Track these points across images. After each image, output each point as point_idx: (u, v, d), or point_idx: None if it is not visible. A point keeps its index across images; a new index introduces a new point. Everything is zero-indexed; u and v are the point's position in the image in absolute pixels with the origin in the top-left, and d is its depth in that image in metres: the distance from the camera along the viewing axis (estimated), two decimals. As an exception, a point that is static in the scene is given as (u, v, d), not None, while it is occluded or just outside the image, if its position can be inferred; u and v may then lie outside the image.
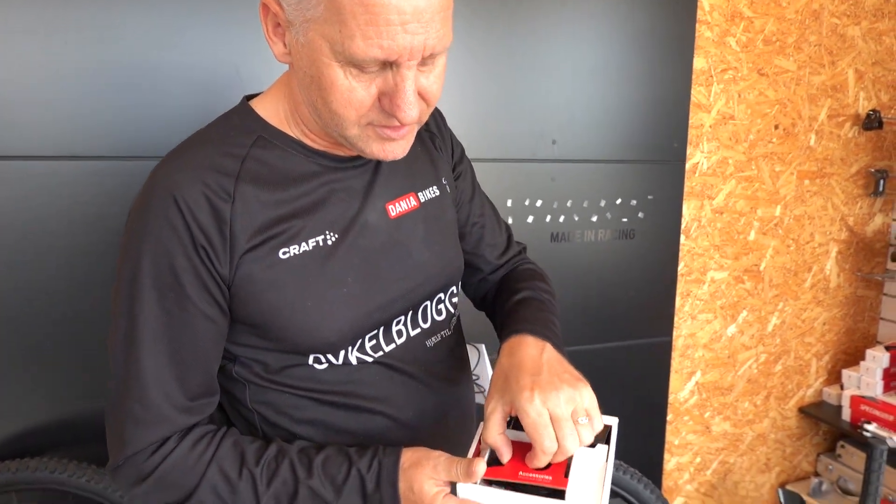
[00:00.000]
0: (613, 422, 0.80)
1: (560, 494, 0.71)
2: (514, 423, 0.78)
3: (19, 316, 1.48)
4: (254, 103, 0.80)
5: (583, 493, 0.71)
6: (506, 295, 0.94)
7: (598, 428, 0.72)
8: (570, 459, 0.73)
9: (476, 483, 0.69)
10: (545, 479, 0.70)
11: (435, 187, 0.89)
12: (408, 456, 0.73)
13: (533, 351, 0.75)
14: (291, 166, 0.76)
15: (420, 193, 0.87)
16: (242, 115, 0.79)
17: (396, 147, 0.74)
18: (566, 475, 0.71)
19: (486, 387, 1.53)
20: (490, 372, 1.53)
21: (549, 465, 0.72)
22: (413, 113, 0.68)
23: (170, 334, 0.72)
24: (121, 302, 0.73)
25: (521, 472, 0.71)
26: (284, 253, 0.74)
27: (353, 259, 0.77)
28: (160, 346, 0.72)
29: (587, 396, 0.70)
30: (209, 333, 0.74)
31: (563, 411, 0.68)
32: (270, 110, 0.78)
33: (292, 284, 0.74)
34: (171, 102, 1.50)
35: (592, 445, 0.76)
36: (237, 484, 0.73)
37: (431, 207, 0.87)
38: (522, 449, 0.74)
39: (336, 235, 0.77)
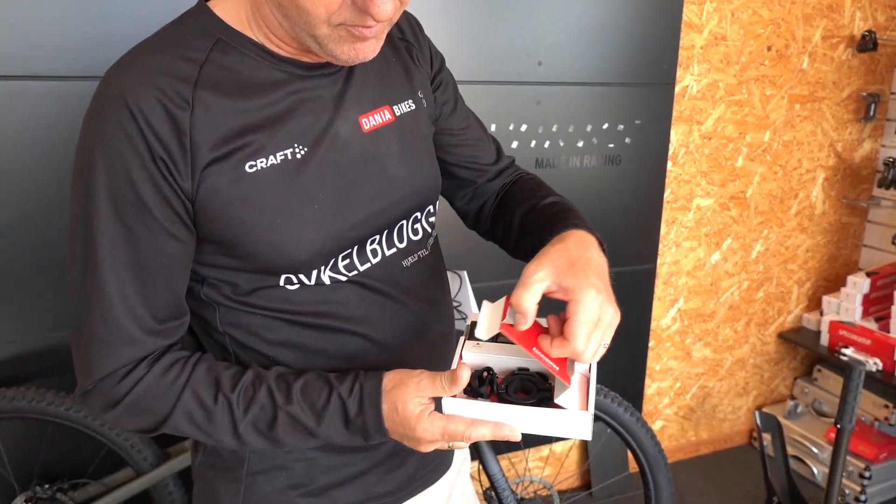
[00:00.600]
0: None
1: (547, 402, 0.69)
2: (499, 334, 0.74)
3: (-16, 244, 1.43)
4: (212, 4, 0.73)
5: (571, 402, 0.69)
6: (531, 201, 0.89)
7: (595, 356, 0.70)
8: (569, 363, 0.70)
9: (460, 396, 0.67)
10: (552, 367, 0.67)
11: (410, 101, 0.84)
12: (389, 378, 0.71)
13: (600, 259, 0.72)
14: (255, 73, 0.71)
15: (395, 107, 0.82)
16: (200, 17, 0.72)
17: (367, 47, 0.69)
18: (569, 372, 0.68)
19: (469, 313, 1.52)
20: (472, 299, 1.52)
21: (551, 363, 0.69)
22: (388, 8, 0.63)
23: (132, 252, 0.68)
24: (77, 220, 0.69)
25: (534, 348, 0.67)
26: (251, 167, 0.69)
27: (324, 174, 0.73)
28: (122, 266, 0.68)
29: (615, 326, 0.70)
30: (174, 252, 0.70)
31: (605, 327, 0.67)
32: (230, 12, 0.72)
33: (260, 201, 0.70)
34: (132, 18, 1.41)
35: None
36: (213, 410, 0.71)
37: (407, 121, 0.83)
38: (534, 328, 0.70)
39: (305, 149, 0.72)
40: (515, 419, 0.68)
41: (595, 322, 0.66)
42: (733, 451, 2.61)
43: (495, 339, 0.75)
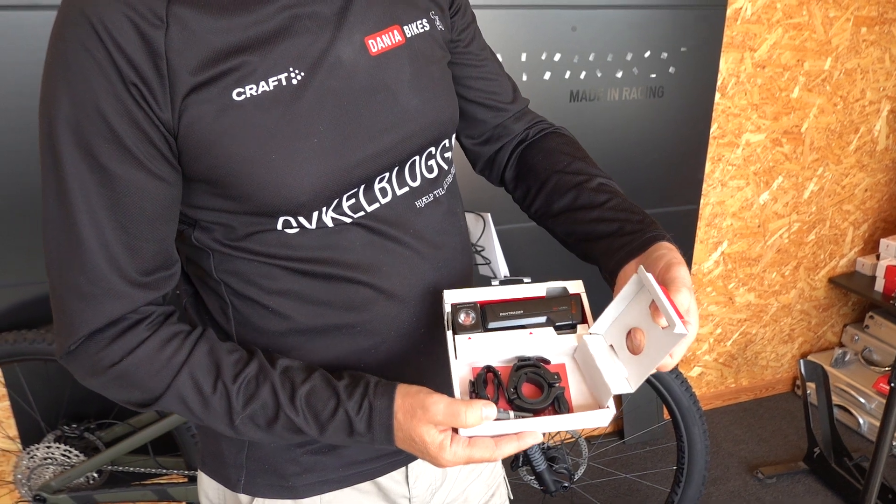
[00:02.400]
0: (581, 288, 0.72)
1: (561, 399, 0.65)
2: (482, 315, 0.69)
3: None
4: None
5: (586, 397, 0.66)
6: (577, 178, 0.80)
7: None
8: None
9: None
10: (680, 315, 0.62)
11: (424, 20, 0.74)
12: (399, 403, 0.64)
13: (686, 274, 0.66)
14: None
15: (406, 27, 0.72)
16: None
17: None
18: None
19: (493, 259, 1.43)
20: (497, 242, 1.43)
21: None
22: None
23: (109, 195, 0.61)
24: (46, 160, 0.61)
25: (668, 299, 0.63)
26: (239, 94, 0.61)
27: (324, 103, 0.64)
28: (99, 210, 0.61)
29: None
30: (158, 194, 0.63)
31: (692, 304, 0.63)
32: None
33: (251, 133, 0.62)
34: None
35: (573, 327, 0.69)
36: (210, 398, 0.65)
37: (419, 44, 0.73)
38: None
39: (302, 73, 0.63)
40: (539, 427, 0.63)
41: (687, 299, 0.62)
42: (774, 398, 2.51)
43: (483, 324, 0.68)
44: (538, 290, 0.71)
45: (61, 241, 0.62)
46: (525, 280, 0.71)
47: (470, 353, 0.67)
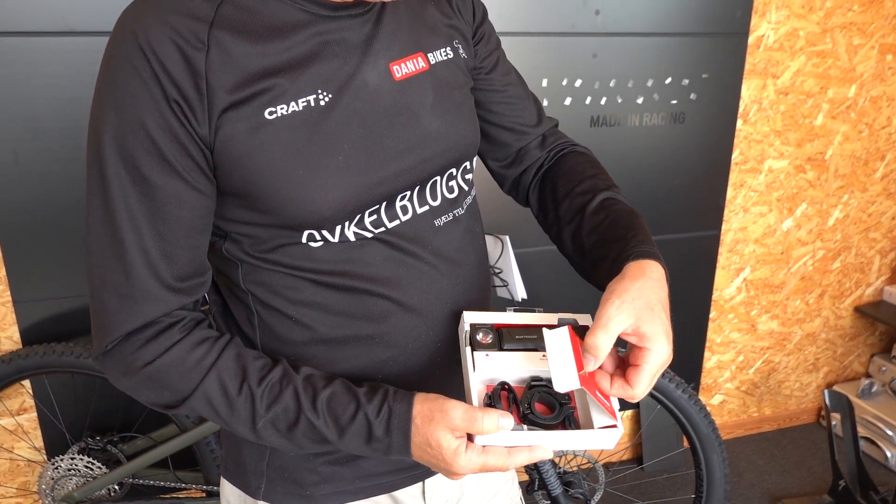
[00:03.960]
0: (589, 321, 0.75)
1: (571, 418, 0.68)
2: (499, 337, 0.72)
3: (31, 201, 1.45)
4: None
5: (597, 418, 0.69)
6: (586, 189, 0.83)
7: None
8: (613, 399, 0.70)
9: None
10: (604, 403, 0.66)
11: (447, 49, 0.78)
12: (419, 408, 0.67)
13: (665, 294, 0.70)
14: (276, 13, 0.67)
15: (430, 54, 0.76)
16: None
17: None
18: (614, 407, 0.68)
19: (511, 281, 1.44)
20: (515, 265, 1.45)
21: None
22: None
23: (149, 204, 0.65)
24: (92, 170, 0.66)
25: (597, 391, 0.66)
26: (271, 113, 0.65)
27: (350, 124, 0.68)
28: (140, 218, 0.65)
29: None
30: (194, 204, 0.67)
31: (662, 370, 0.67)
32: None
33: (281, 150, 0.66)
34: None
35: None
36: (235, 400, 0.68)
37: (442, 70, 0.77)
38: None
39: (330, 95, 0.68)
40: (550, 442, 0.66)
41: (659, 370, 0.66)
42: (799, 429, 2.46)
43: (499, 345, 0.71)
44: (550, 319, 0.74)
45: (104, 247, 0.66)
46: (538, 309, 0.75)
47: (486, 369, 0.70)
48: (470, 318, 0.73)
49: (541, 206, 0.90)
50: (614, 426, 0.66)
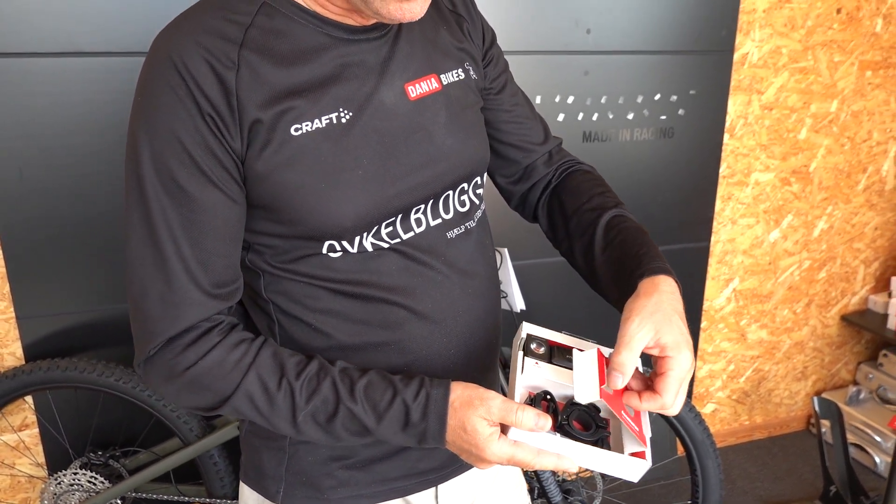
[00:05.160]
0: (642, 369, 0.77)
1: (605, 440, 0.70)
2: (551, 353, 0.74)
3: (34, 218, 1.47)
4: None
5: (630, 445, 0.71)
6: (593, 208, 0.87)
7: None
8: (643, 414, 0.72)
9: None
10: (633, 427, 0.69)
11: (459, 70, 0.83)
12: (458, 393, 0.69)
13: (680, 306, 0.74)
14: (300, 37, 0.71)
15: (442, 76, 0.80)
16: None
17: (415, 6, 0.68)
18: (644, 431, 0.70)
19: (510, 292, 1.48)
20: (513, 276, 1.48)
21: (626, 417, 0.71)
22: None
23: (187, 215, 0.68)
24: (131, 184, 0.69)
25: (622, 412, 0.69)
26: (296, 130, 0.69)
27: (368, 140, 0.73)
28: (177, 227, 0.68)
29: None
30: (228, 213, 0.70)
31: (688, 377, 0.70)
32: None
33: (305, 164, 0.70)
34: (173, -9, 1.41)
35: None
36: (275, 395, 0.70)
37: (454, 91, 0.81)
38: (617, 399, 0.71)
39: (350, 113, 0.72)
40: (579, 456, 0.68)
41: (686, 378, 0.68)
42: (789, 437, 2.51)
43: (549, 358, 0.74)
44: (603, 350, 0.76)
45: (145, 256, 0.69)
46: (593, 341, 0.77)
47: (533, 375, 0.73)
48: (528, 328, 0.76)
49: (550, 222, 0.94)
50: (643, 454, 0.68)
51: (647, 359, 0.71)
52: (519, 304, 1.46)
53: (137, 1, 1.40)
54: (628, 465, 0.68)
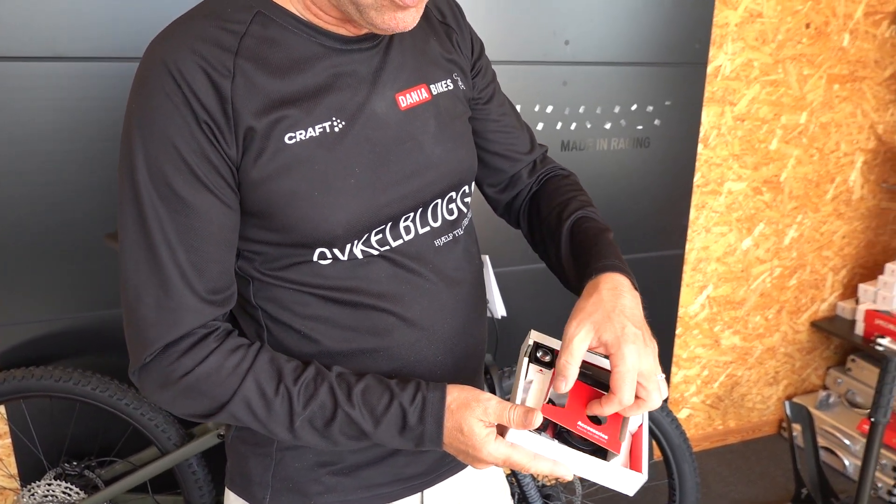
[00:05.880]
0: None
1: (605, 453, 0.69)
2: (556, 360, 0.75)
3: (8, 225, 1.45)
4: None
5: (626, 459, 0.71)
6: (559, 213, 0.89)
7: (666, 391, 0.71)
8: (622, 426, 0.72)
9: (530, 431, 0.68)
10: (601, 438, 0.69)
11: (448, 81, 0.84)
12: (454, 395, 0.70)
13: (631, 300, 0.74)
14: (293, 46, 0.72)
15: (432, 86, 0.81)
16: None
17: (407, 16, 0.69)
18: (620, 438, 0.70)
19: (491, 299, 1.49)
20: (494, 283, 1.50)
21: (602, 423, 0.71)
22: None
23: (183, 221, 0.68)
24: (126, 190, 0.69)
25: (579, 423, 0.69)
26: (290, 138, 0.70)
27: (361, 149, 0.73)
28: (172, 233, 0.68)
29: (657, 358, 0.72)
30: (223, 219, 0.70)
31: (652, 368, 0.70)
32: None
33: (298, 171, 0.70)
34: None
35: None
36: (273, 401, 0.70)
37: (443, 101, 0.82)
38: (581, 394, 0.71)
39: (343, 122, 0.72)
40: (575, 464, 0.69)
41: (636, 371, 0.68)
42: (762, 441, 2.56)
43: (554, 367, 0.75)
44: (606, 363, 0.77)
45: (140, 262, 0.69)
46: (604, 355, 0.77)
47: (536, 382, 0.73)
48: (536, 336, 0.77)
49: (529, 228, 0.96)
50: (639, 470, 0.69)
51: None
52: (500, 310, 1.47)
53: (116, 7, 1.39)
54: (623, 477, 0.68)
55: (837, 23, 2.12)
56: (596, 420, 0.71)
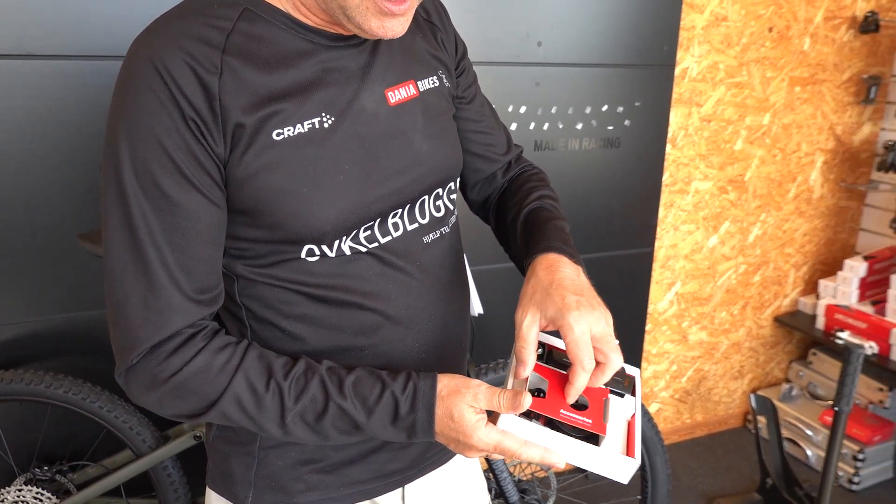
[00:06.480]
0: (636, 372, 0.80)
1: (597, 439, 0.70)
2: (547, 357, 0.77)
3: (-21, 226, 1.42)
4: None
5: (617, 440, 0.72)
6: (519, 204, 0.91)
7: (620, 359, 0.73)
8: (605, 406, 0.73)
9: (518, 415, 0.69)
10: (585, 422, 0.70)
11: (434, 77, 0.85)
12: (445, 383, 0.71)
13: (571, 271, 0.76)
14: (282, 43, 0.71)
15: (419, 82, 0.82)
16: None
17: (396, 24, 0.69)
18: (604, 420, 0.71)
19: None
20: (471, 281, 1.51)
21: (586, 408, 0.72)
22: None
23: (170, 220, 0.67)
24: (110, 190, 0.67)
25: (562, 410, 0.70)
26: (278, 134, 0.69)
27: (350, 145, 0.73)
28: (159, 233, 0.67)
29: (611, 322, 0.73)
30: (210, 217, 0.69)
31: (605, 330, 0.70)
32: None
33: (287, 168, 0.70)
34: (127, -5, 1.39)
35: (621, 395, 0.76)
36: (263, 397, 0.70)
37: (430, 97, 0.83)
38: (561, 383, 0.73)
39: (332, 118, 0.72)
40: (565, 450, 0.69)
41: (588, 335, 0.70)
42: (728, 433, 2.63)
43: (545, 360, 0.76)
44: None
45: (126, 262, 0.68)
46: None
47: (531, 377, 0.74)
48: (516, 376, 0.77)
49: (496, 223, 0.98)
50: (632, 456, 0.70)
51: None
52: (477, 307, 1.49)
53: (86, 4, 1.37)
54: (616, 462, 0.69)
55: (799, 27, 2.19)
56: (579, 407, 0.72)
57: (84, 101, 1.41)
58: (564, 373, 0.74)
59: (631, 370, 0.79)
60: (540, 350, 0.77)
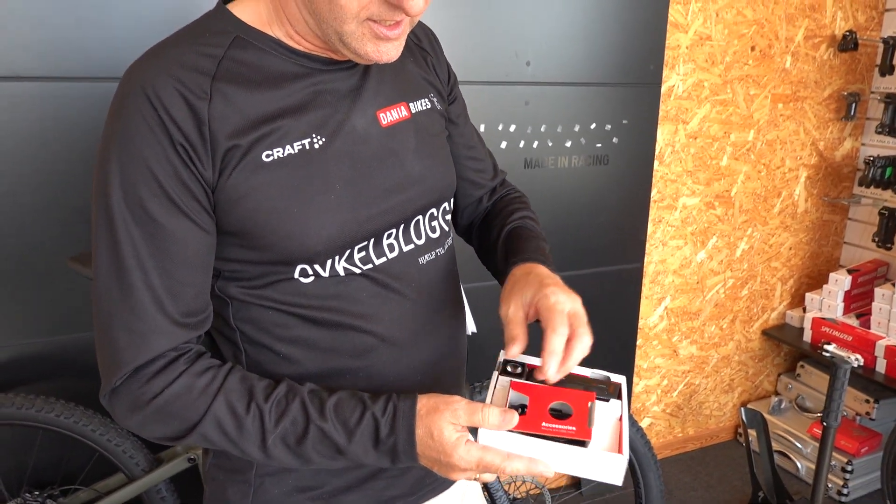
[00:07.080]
0: (622, 380, 0.80)
1: (583, 445, 0.69)
2: (527, 375, 0.77)
3: (-30, 249, 1.41)
4: (231, 6, 0.75)
5: (605, 444, 0.72)
6: (501, 223, 0.95)
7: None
8: (591, 411, 0.72)
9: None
10: (569, 431, 0.69)
11: (426, 100, 0.86)
12: (423, 402, 0.70)
13: (545, 271, 0.80)
14: (272, 66, 0.72)
15: (411, 104, 0.83)
16: (217, 17, 0.74)
17: (391, 48, 0.71)
18: (589, 425, 0.70)
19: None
20: (464, 300, 1.52)
21: (569, 417, 0.71)
22: (420, 3, 0.65)
23: (157, 244, 0.68)
24: (99, 213, 0.68)
25: (543, 424, 0.69)
26: (268, 156, 0.70)
27: (341, 165, 0.74)
28: (146, 257, 0.68)
29: (584, 312, 0.76)
30: (198, 242, 0.70)
31: (578, 309, 0.74)
32: (250, 12, 0.74)
33: (278, 189, 0.70)
34: (119, 17, 1.39)
35: (606, 400, 0.76)
36: (244, 419, 0.69)
37: (423, 119, 0.84)
38: (542, 398, 0.73)
39: (323, 139, 0.73)
40: (551, 457, 0.68)
41: (562, 305, 0.73)
42: (719, 446, 2.64)
43: (525, 378, 0.77)
44: (584, 372, 0.79)
45: (112, 286, 0.68)
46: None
47: (504, 391, 0.74)
48: (505, 356, 0.77)
49: (479, 245, 1.00)
50: (619, 453, 0.69)
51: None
52: (471, 326, 1.50)
53: (75, 26, 1.38)
54: (604, 461, 0.68)
55: (780, 46, 2.23)
56: (562, 416, 0.71)
57: (74, 124, 1.41)
58: (545, 385, 0.74)
59: (616, 378, 0.79)
60: (519, 369, 0.77)
